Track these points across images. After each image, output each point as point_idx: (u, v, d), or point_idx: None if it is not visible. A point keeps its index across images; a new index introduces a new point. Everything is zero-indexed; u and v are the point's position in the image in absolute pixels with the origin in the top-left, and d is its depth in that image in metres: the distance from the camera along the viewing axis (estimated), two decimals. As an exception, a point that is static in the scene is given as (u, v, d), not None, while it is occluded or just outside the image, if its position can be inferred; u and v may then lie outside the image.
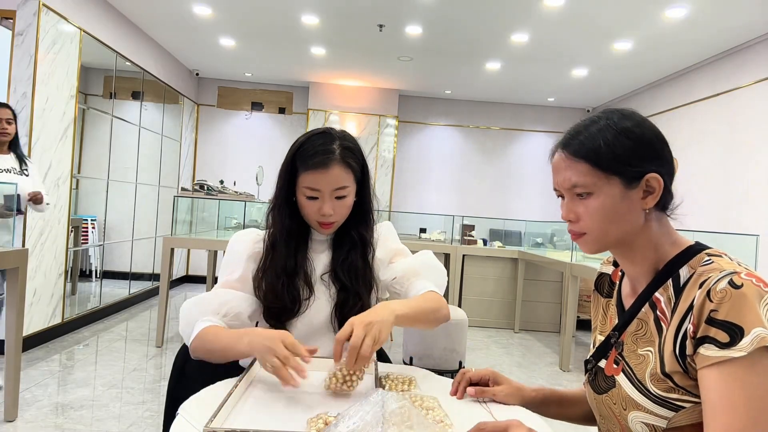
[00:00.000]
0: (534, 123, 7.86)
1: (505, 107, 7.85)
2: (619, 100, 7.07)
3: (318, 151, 1.22)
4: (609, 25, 4.57)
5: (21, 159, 3.22)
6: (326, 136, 1.26)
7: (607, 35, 4.83)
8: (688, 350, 0.79)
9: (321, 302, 1.30)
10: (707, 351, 0.75)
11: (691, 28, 4.47)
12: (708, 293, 0.77)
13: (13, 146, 3.21)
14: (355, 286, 1.29)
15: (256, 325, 1.31)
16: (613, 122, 0.87)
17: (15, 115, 3.17)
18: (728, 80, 4.99)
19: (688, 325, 0.79)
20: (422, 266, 1.34)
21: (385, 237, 1.39)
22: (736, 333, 0.73)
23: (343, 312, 1.28)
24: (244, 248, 1.31)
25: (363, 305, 1.28)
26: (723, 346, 0.74)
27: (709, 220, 4.97)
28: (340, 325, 1.28)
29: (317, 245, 1.35)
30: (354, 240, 1.32)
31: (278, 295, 1.25)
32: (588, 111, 7.77)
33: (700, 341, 0.77)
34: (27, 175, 3.21)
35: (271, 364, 0.99)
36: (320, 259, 1.33)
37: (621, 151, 0.85)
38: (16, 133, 3.20)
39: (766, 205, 4.42)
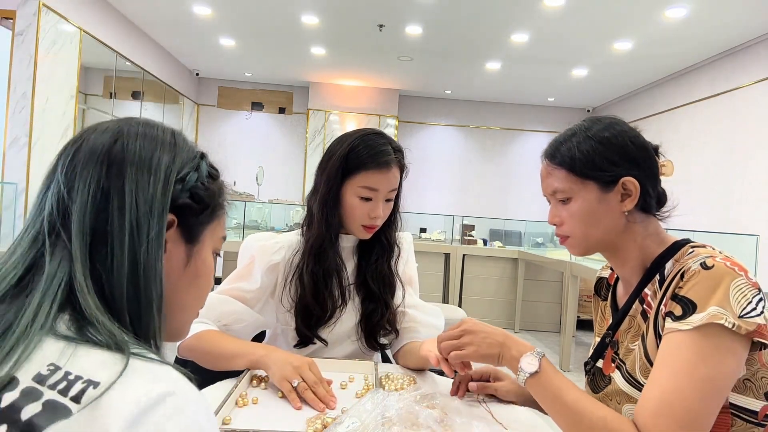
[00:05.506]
0: (534, 123, 7.85)
1: (505, 107, 7.85)
2: (619, 100, 7.06)
3: (383, 150, 1.19)
4: (609, 25, 4.57)
5: None
6: (383, 136, 1.23)
7: (607, 35, 4.83)
8: (662, 329, 0.82)
9: (347, 312, 1.28)
10: (666, 323, 0.79)
11: (691, 28, 4.47)
12: (682, 275, 0.80)
13: None
14: (384, 296, 1.28)
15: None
16: (591, 131, 0.91)
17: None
18: (728, 80, 4.99)
19: (662, 306, 0.83)
20: (424, 327, 1.33)
21: (406, 257, 1.38)
22: (688, 308, 0.77)
23: (370, 323, 1.28)
24: (265, 260, 1.25)
25: (390, 315, 1.29)
26: (676, 318, 0.78)
27: (709, 220, 4.97)
28: (365, 335, 1.29)
29: (344, 252, 1.30)
30: (383, 245, 1.30)
31: (319, 299, 1.22)
32: (588, 111, 7.77)
33: (665, 316, 0.81)
34: None
35: (296, 385, 0.98)
36: (346, 267, 1.30)
37: (594, 157, 0.89)
38: None
39: (766, 205, 4.42)
